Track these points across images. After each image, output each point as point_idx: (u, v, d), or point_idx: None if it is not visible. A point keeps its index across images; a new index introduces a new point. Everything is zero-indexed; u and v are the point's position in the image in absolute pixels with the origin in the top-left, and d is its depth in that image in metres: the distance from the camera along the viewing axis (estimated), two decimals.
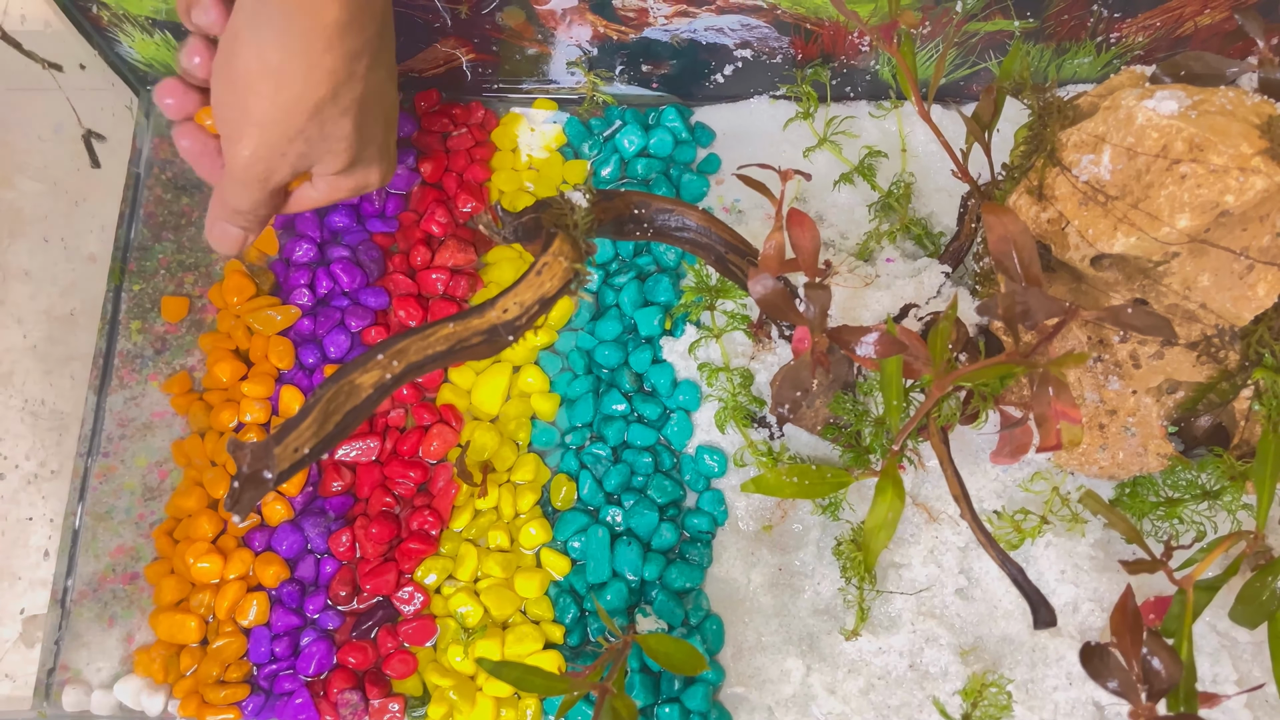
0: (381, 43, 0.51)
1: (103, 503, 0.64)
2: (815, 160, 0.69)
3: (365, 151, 0.54)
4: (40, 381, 0.67)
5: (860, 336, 0.45)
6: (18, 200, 0.71)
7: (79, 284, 0.69)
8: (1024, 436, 0.46)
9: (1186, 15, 0.63)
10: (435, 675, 0.58)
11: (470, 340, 0.44)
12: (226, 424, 0.64)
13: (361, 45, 0.49)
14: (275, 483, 0.39)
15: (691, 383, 0.64)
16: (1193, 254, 0.47)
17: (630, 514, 0.61)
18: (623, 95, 0.72)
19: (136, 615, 0.62)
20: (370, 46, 0.49)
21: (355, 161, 0.54)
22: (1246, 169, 0.43)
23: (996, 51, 0.66)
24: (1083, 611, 0.57)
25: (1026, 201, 0.51)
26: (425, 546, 0.61)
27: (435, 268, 0.67)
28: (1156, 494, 0.56)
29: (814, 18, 0.64)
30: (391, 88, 0.54)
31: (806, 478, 0.50)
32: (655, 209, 0.52)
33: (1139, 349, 0.52)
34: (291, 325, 0.66)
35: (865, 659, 0.57)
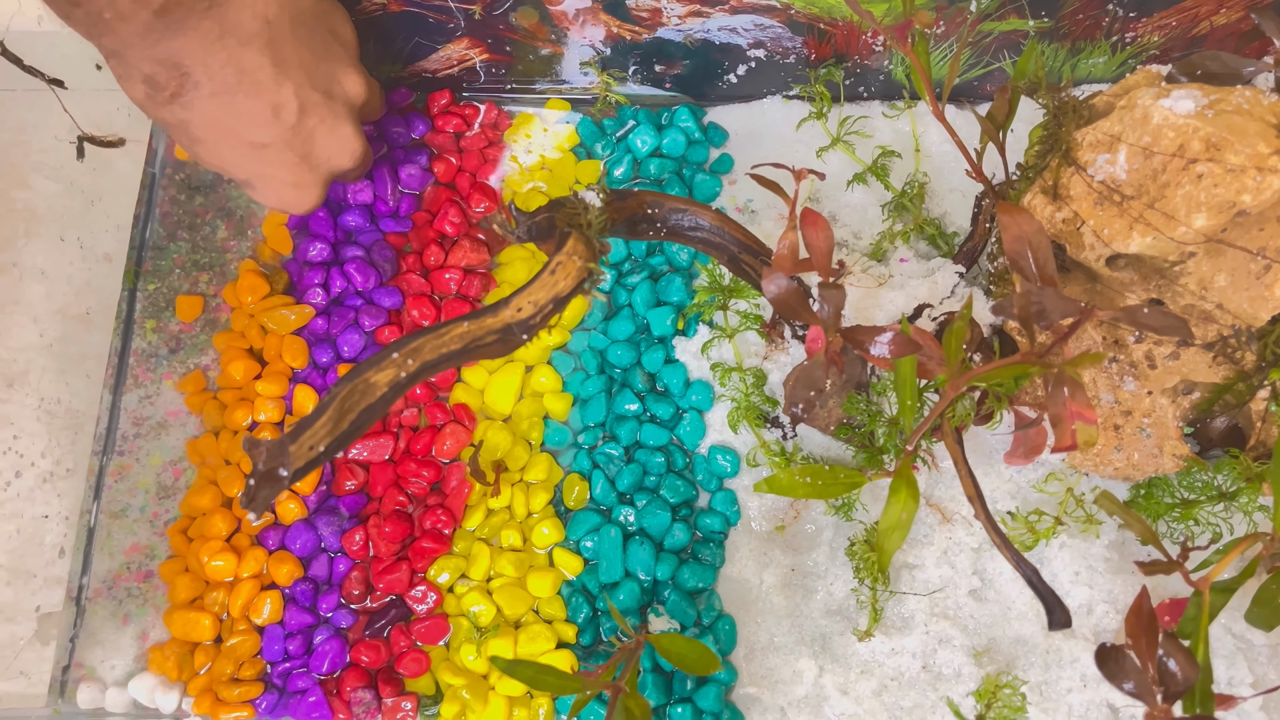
0: (180, 82, 0.52)
1: (117, 501, 0.64)
2: (828, 160, 0.69)
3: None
4: (56, 380, 0.68)
5: (874, 336, 0.45)
6: (34, 200, 0.72)
7: (94, 283, 0.70)
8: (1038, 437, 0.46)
9: (1202, 15, 0.62)
10: (448, 674, 0.58)
11: (484, 339, 0.44)
12: (240, 423, 0.64)
13: (143, 75, 0.52)
14: (291, 480, 0.40)
15: (704, 383, 0.64)
16: (1209, 254, 0.47)
17: (643, 514, 0.61)
18: (636, 95, 0.72)
19: (151, 613, 0.62)
20: (157, 82, 0.52)
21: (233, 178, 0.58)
22: (1264, 168, 0.43)
23: (1011, 51, 0.66)
24: (1097, 613, 0.57)
25: (1041, 201, 0.51)
26: (438, 545, 0.61)
27: (448, 267, 0.67)
28: (1172, 495, 0.55)
29: (828, 17, 0.64)
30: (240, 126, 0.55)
31: (820, 478, 0.50)
32: (668, 209, 0.52)
33: (1155, 349, 0.52)
34: (305, 324, 0.66)
35: (878, 660, 0.57)
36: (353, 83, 0.59)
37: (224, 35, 0.52)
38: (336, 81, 0.58)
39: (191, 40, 0.51)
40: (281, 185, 0.58)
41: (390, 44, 0.68)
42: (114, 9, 0.48)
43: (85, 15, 0.48)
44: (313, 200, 0.60)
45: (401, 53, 0.69)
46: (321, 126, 0.58)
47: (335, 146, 0.59)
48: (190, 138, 0.55)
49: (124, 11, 0.48)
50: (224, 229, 0.70)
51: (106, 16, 0.48)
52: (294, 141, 0.57)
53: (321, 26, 0.58)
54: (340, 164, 0.60)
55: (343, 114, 0.59)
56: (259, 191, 0.59)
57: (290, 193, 0.59)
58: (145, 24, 0.49)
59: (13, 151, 0.73)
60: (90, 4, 0.48)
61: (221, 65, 0.52)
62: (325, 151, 0.59)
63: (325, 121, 0.58)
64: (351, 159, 0.60)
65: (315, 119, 0.57)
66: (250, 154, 0.56)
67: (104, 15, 0.48)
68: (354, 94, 0.60)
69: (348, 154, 0.59)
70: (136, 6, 0.48)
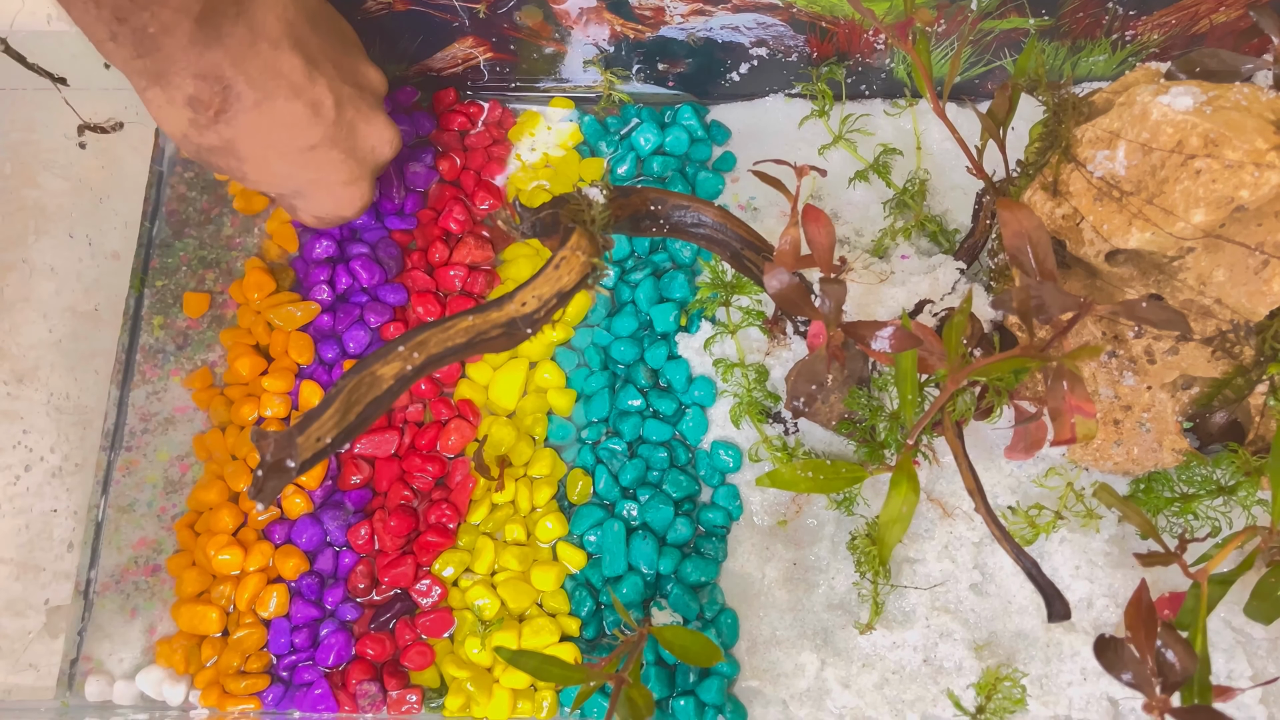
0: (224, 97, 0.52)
1: (125, 496, 0.65)
2: (830, 158, 0.69)
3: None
4: (64, 376, 0.68)
5: (875, 331, 0.45)
6: (43, 198, 0.73)
7: (102, 280, 0.70)
8: (1038, 431, 0.46)
9: (1201, 12, 0.63)
10: (452, 667, 0.59)
11: (489, 333, 0.45)
12: (247, 418, 0.65)
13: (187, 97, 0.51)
14: (298, 471, 0.40)
15: (707, 378, 0.64)
16: (1208, 249, 0.47)
17: (646, 508, 0.62)
18: (639, 93, 0.72)
19: (158, 607, 0.62)
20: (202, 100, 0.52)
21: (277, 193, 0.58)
22: (1261, 164, 0.43)
23: (1012, 49, 0.66)
24: (1097, 607, 0.57)
25: (1041, 197, 0.52)
26: (443, 540, 0.62)
27: (453, 264, 0.68)
28: (1171, 489, 0.56)
29: (829, 16, 0.64)
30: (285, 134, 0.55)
31: (821, 472, 0.51)
32: (671, 205, 0.53)
33: (1154, 344, 0.52)
34: (311, 321, 0.67)
35: (880, 653, 0.58)
36: (373, 73, 0.60)
37: (256, 40, 0.52)
38: (360, 73, 0.59)
39: (230, 49, 0.51)
40: (335, 187, 0.58)
41: (396, 43, 0.69)
42: (158, 21, 0.48)
43: (130, 32, 0.48)
44: (365, 197, 0.60)
45: (407, 52, 0.70)
46: (359, 118, 0.58)
47: (375, 136, 0.59)
48: (238, 158, 0.55)
49: (168, 23, 0.48)
50: (230, 226, 0.71)
51: (151, 31, 0.48)
52: (339, 137, 0.57)
53: (331, 24, 0.58)
54: (382, 153, 0.60)
55: (374, 104, 0.59)
56: (312, 201, 0.58)
57: (344, 192, 0.59)
58: (189, 35, 0.49)
59: (22, 150, 0.74)
60: (135, 18, 0.47)
61: (260, 71, 0.52)
62: (367, 143, 0.59)
63: (361, 112, 0.58)
64: (391, 147, 0.60)
65: (352, 111, 0.57)
66: (300, 160, 0.56)
67: (149, 30, 0.48)
68: (377, 84, 0.60)
69: (387, 142, 0.60)
70: (179, 16, 0.48)
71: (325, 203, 0.59)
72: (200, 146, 0.54)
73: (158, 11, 0.48)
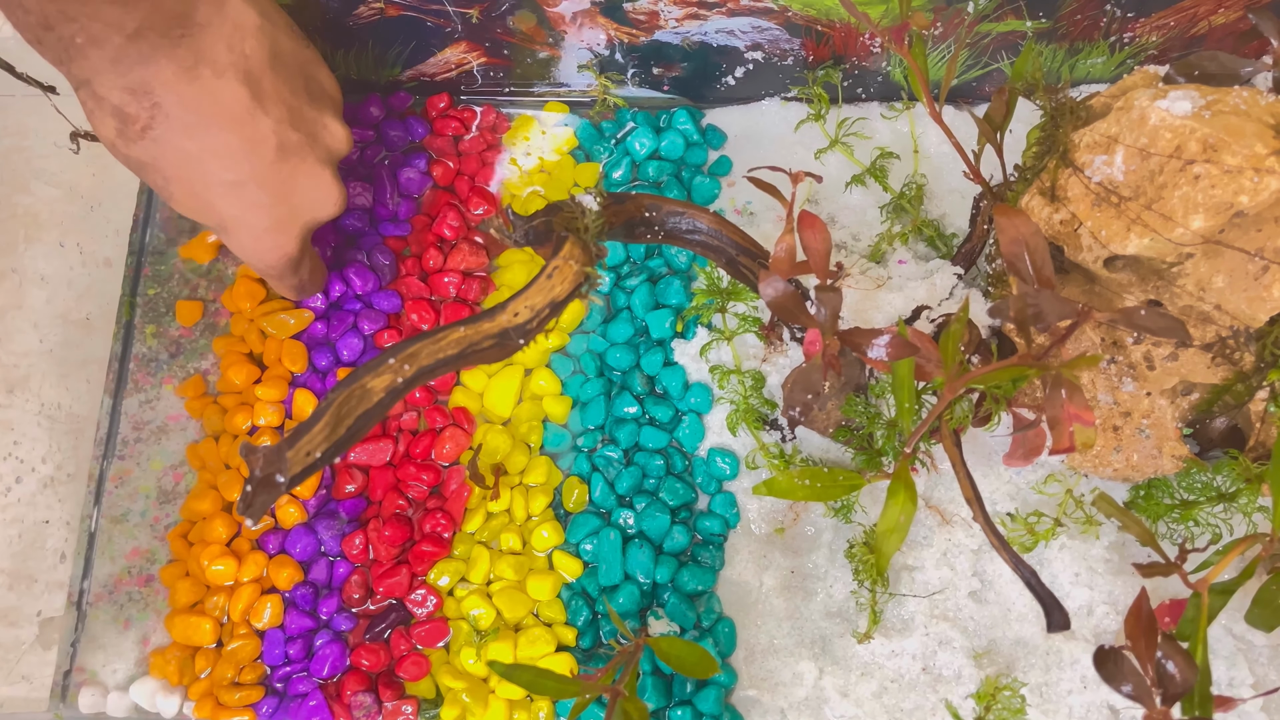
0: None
1: (118, 506, 0.64)
2: (827, 162, 0.69)
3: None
4: (56, 385, 0.68)
5: (872, 339, 0.45)
6: (34, 205, 0.72)
7: (95, 288, 0.70)
8: (1037, 439, 0.46)
9: (1200, 15, 0.62)
10: (448, 677, 0.59)
11: (481, 344, 0.45)
12: (240, 427, 0.64)
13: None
14: (288, 486, 0.40)
15: (703, 385, 0.64)
16: (1207, 255, 0.47)
17: (642, 516, 0.61)
18: (634, 98, 0.72)
19: (152, 617, 0.62)
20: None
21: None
22: (1261, 169, 0.42)
23: (1009, 52, 0.66)
24: (1097, 615, 0.57)
25: (1039, 203, 0.51)
26: (438, 549, 0.61)
27: (447, 271, 0.67)
28: (1171, 496, 0.55)
29: (825, 19, 0.64)
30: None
31: (818, 480, 0.50)
32: (666, 212, 0.52)
33: (1153, 351, 0.52)
34: (304, 329, 0.66)
35: (878, 662, 0.57)
36: (338, 131, 0.57)
37: (198, 64, 0.50)
38: (322, 126, 0.57)
39: (164, 68, 0.50)
40: (257, 230, 0.56)
41: (388, 48, 0.68)
42: (86, 33, 0.47)
43: (56, 40, 0.47)
44: (287, 251, 0.57)
45: (400, 57, 0.69)
46: (302, 169, 0.55)
47: (316, 192, 0.56)
48: (164, 176, 0.53)
49: (96, 36, 0.47)
50: None
51: (79, 41, 0.47)
52: (270, 181, 0.54)
53: (302, 72, 0.56)
54: (320, 212, 0.57)
55: (324, 160, 0.56)
56: (232, 237, 0.56)
57: (266, 239, 0.56)
58: (117, 49, 0.48)
59: (13, 157, 0.73)
60: (63, 28, 0.46)
61: (195, 96, 0.51)
62: (305, 196, 0.56)
63: (306, 164, 0.55)
64: (333, 207, 0.57)
65: (296, 159, 0.55)
66: (224, 193, 0.54)
67: (75, 40, 0.47)
68: (337, 143, 0.57)
69: (328, 202, 0.57)
70: (109, 31, 0.47)
71: (245, 243, 0.56)
72: (128, 157, 0.53)
73: (86, 24, 0.47)
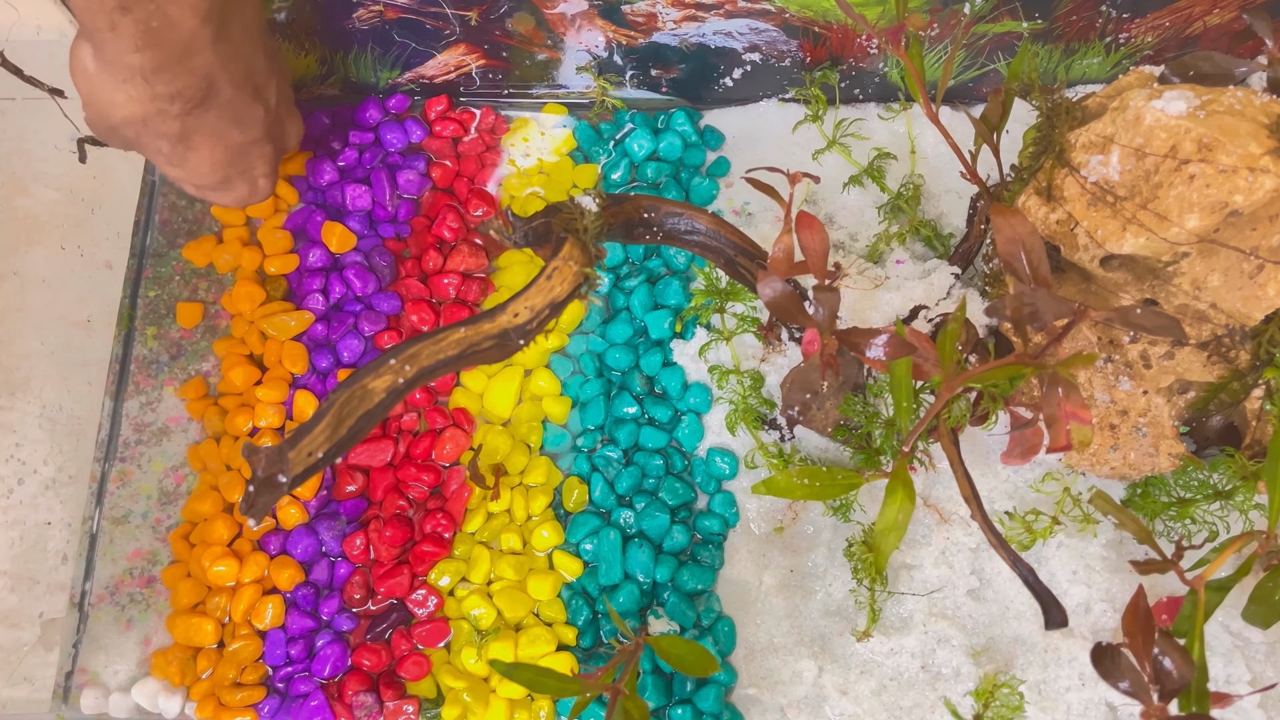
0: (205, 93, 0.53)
1: (120, 507, 0.64)
2: (824, 162, 0.69)
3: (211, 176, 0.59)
4: (58, 387, 0.68)
5: (870, 338, 0.45)
6: (35, 208, 0.72)
7: (96, 291, 0.70)
8: (1034, 437, 0.46)
9: (1195, 15, 0.63)
10: (449, 677, 0.59)
11: (481, 345, 0.45)
12: (241, 428, 0.64)
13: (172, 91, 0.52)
14: (290, 487, 0.40)
15: (702, 385, 0.64)
16: (1202, 254, 0.47)
17: (642, 516, 0.61)
18: (632, 99, 0.72)
19: (153, 618, 0.62)
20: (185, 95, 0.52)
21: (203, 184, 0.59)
22: (1255, 169, 0.43)
23: (1005, 53, 0.66)
24: (1095, 612, 0.57)
25: (1035, 203, 0.51)
26: (438, 549, 0.61)
27: (447, 272, 0.68)
28: (1168, 494, 0.56)
29: (822, 21, 0.64)
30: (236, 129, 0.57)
31: (817, 479, 0.51)
32: (665, 213, 0.52)
33: (1149, 349, 0.52)
34: (305, 330, 0.66)
35: (877, 660, 0.57)
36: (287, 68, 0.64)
37: (244, 40, 0.54)
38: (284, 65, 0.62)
39: (225, 48, 0.52)
40: (256, 178, 0.61)
41: (388, 50, 0.69)
42: (162, 15, 0.48)
43: (133, 24, 0.48)
44: (271, 189, 0.63)
45: (399, 59, 0.70)
46: (286, 112, 0.62)
47: (292, 128, 0.63)
48: (187, 145, 0.56)
49: (173, 18, 0.49)
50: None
51: (154, 25, 0.48)
52: (273, 130, 0.60)
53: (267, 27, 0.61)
54: (292, 143, 0.64)
55: (291, 96, 0.63)
56: (230, 191, 0.61)
57: (263, 183, 0.61)
58: (192, 32, 0.50)
59: (14, 160, 0.73)
60: (140, 10, 0.47)
61: (240, 71, 0.55)
62: (288, 133, 0.63)
63: (285, 107, 0.61)
64: (297, 137, 0.64)
65: (284, 106, 0.61)
66: (239, 151, 0.58)
67: (152, 24, 0.48)
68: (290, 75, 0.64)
69: (297, 134, 0.64)
70: (185, 13, 0.49)
71: (243, 192, 0.61)
72: (150, 132, 0.54)
73: (164, 4, 0.48)
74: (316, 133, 0.72)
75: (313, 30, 0.67)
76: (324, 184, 0.70)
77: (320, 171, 0.70)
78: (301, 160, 0.71)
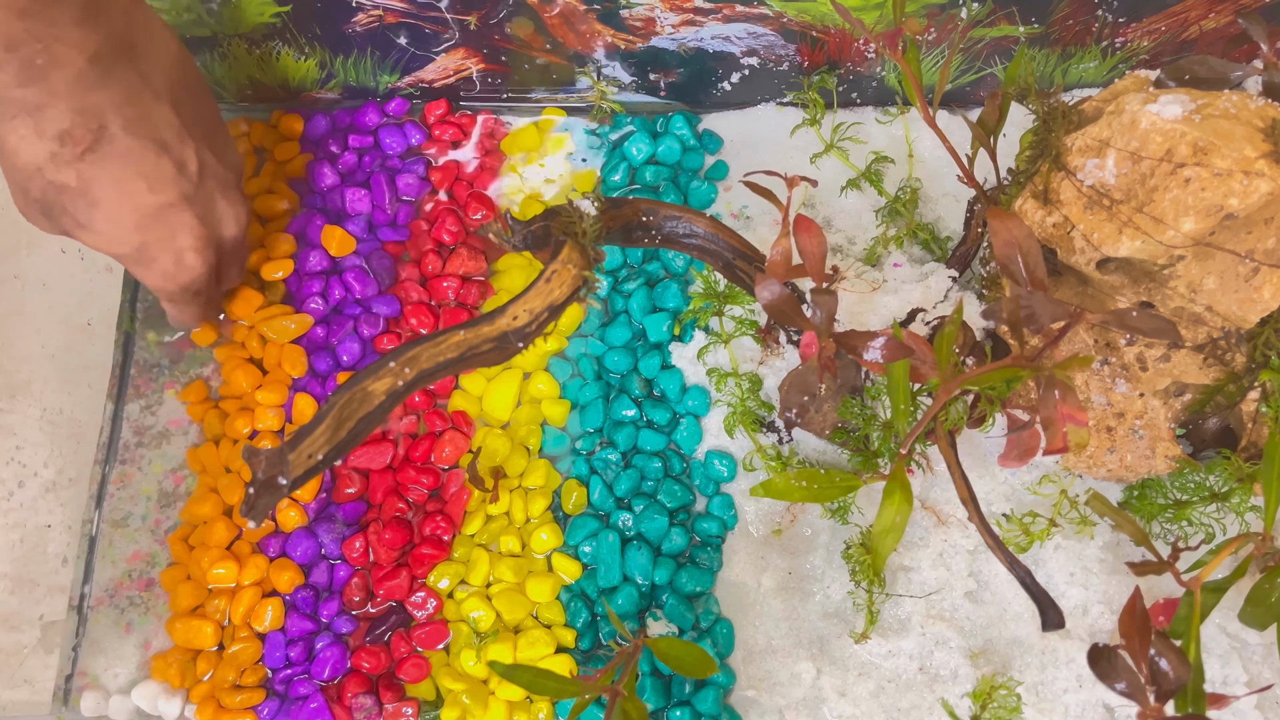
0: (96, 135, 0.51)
1: (119, 510, 0.65)
2: (822, 166, 0.69)
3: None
4: (58, 390, 0.68)
5: (867, 341, 0.45)
6: None
7: (96, 294, 0.70)
8: (1031, 440, 0.46)
9: (1191, 19, 0.63)
10: (448, 679, 0.59)
11: (481, 347, 0.45)
12: (241, 431, 0.65)
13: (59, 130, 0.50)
14: (290, 489, 0.40)
15: (700, 388, 0.64)
16: (1198, 257, 0.47)
17: (640, 518, 0.62)
18: (631, 103, 0.72)
19: (153, 621, 0.62)
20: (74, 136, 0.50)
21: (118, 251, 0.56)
22: (1250, 172, 0.43)
23: (1002, 57, 0.67)
24: (1092, 614, 0.57)
25: (1032, 206, 0.52)
26: (438, 552, 0.62)
27: (446, 275, 0.68)
28: (1165, 496, 0.56)
29: (820, 25, 0.64)
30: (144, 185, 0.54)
31: (815, 482, 0.51)
32: (663, 216, 0.53)
33: (1146, 352, 0.52)
34: (304, 333, 0.67)
35: (875, 662, 0.58)
36: (234, 155, 0.61)
37: (141, 89, 0.52)
38: (226, 149, 0.60)
39: (114, 92, 0.51)
40: (178, 251, 0.57)
41: (387, 55, 0.69)
42: (49, 55, 0.47)
43: (18, 62, 0.47)
44: (208, 267, 0.59)
45: (398, 63, 0.70)
46: (219, 190, 0.58)
47: (228, 212, 0.59)
48: (89, 201, 0.53)
49: (59, 58, 0.48)
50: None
51: (39, 63, 0.47)
52: (196, 201, 0.56)
53: (205, 100, 0.59)
54: (232, 231, 0.60)
55: (234, 182, 0.59)
56: (150, 263, 0.57)
57: (188, 259, 0.57)
58: (78, 72, 0.49)
59: None
60: (26, 49, 0.47)
61: (137, 119, 0.52)
62: (219, 216, 0.59)
63: (220, 185, 0.58)
64: (239, 226, 0.60)
65: (214, 182, 0.57)
66: (152, 216, 0.55)
67: (37, 62, 0.47)
68: (236, 164, 0.61)
69: (239, 223, 0.60)
70: (72, 53, 0.48)
71: (166, 267, 0.57)
72: (52, 184, 0.52)
73: (50, 45, 0.47)
74: (316, 136, 0.72)
75: (312, 34, 0.67)
76: (325, 188, 0.71)
77: (320, 175, 0.70)
78: (302, 163, 0.71)
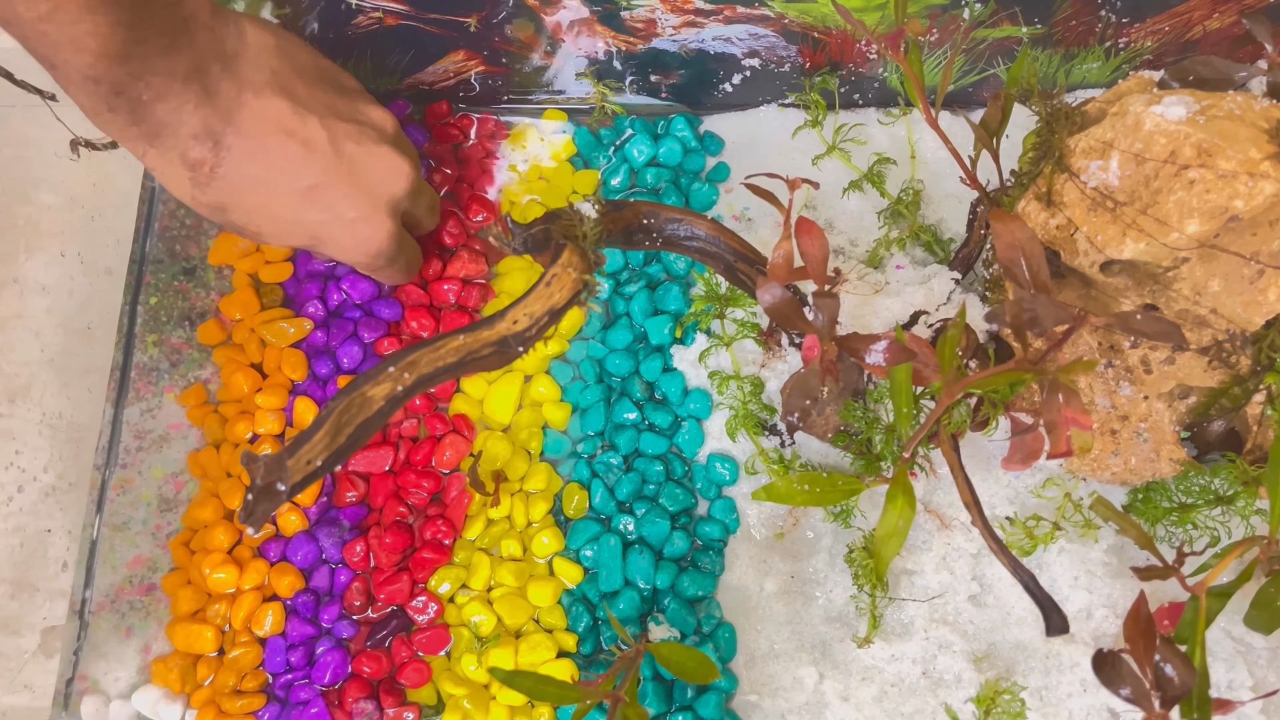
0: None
1: (120, 514, 0.64)
2: (824, 168, 0.69)
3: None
4: (58, 394, 0.68)
5: (870, 344, 0.45)
6: (35, 215, 0.72)
7: (96, 297, 0.70)
8: (1035, 443, 0.46)
9: (1195, 20, 0.63)
10: (449, 684, 0.59)
11: (480, 352, 0.45)
12: (241, 435, 0.64)
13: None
14: (288, 495, 0.40)
15: (702, 391, 0.64)
16: (1202, 259, 0.47)
17: (642, 522, 0.61)
18: (632, 105, 0.72)
19: (154, 626, 0.62)
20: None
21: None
22: (1255, 174, 0.43)
23: (1004, 58, 0.66)
24: (1096, 618, 0.57)
25: (1035, 208, 0.51)
26: (439, 556, 0.61)
27: (447, 278, 0.68)
28: (1169, 499, 0.55)
29: (821, 26, 0.64)
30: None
31: (818, 485, 0.50)
32: (664, 219, 0.52)
33: (1150, 354, 0.52)
34: (304, 337, 0.66)
35: (878, 666, 0.57)
36: (377, 112, 0.59)
37: (241, 91, 0.53)
38: (360, 112, 0.58)
39: (218, 104, 0.52)
40: (350, 224, 0.57)
41: (387, 58, 0.69)
42: (151, 89, 0.48)
43: (127, 104, 0.48)
44: (387, 230, 0.58)
45: (398, 66, 0.70)
46: (360, 151, 0.56)
47: (383, 169, 0.57)
48: (245, 211, 0.55)
49: (159, 89, 0.49)
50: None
51: (145, 99, 0.49)
52: (339, 171, 0.56)
53: (325, 76, 0.58)
54: (396, 186, 0.58)
55: (378, 138, 0.58)
56: (329, 241, 0.57)
57: (361, 228, 0.57)
58: (178, 97, 0.50)
59: (14, 167, 0.74)
60: (131, 89, 0.48)
61: (248, 120, 0.53)
62: (375, 176, 0.57)
63: (363, 146, 0.57)
64: (405, 179, 0.58)
65: (352, 145, 0.56)
66: (303, 202, 0.55)
67: (143, 98, 0.49)
68: (381, 121, 0.59)
69: (398, 174, 0.58)
70: (168, 80, 0.49)
71: (344, 240, 0.58)
72: (208, 206, 0.54)
73: (149, 79, 0.48)
74: None
75: (312, 38, 0.67)
76: None
77: None
78: None
